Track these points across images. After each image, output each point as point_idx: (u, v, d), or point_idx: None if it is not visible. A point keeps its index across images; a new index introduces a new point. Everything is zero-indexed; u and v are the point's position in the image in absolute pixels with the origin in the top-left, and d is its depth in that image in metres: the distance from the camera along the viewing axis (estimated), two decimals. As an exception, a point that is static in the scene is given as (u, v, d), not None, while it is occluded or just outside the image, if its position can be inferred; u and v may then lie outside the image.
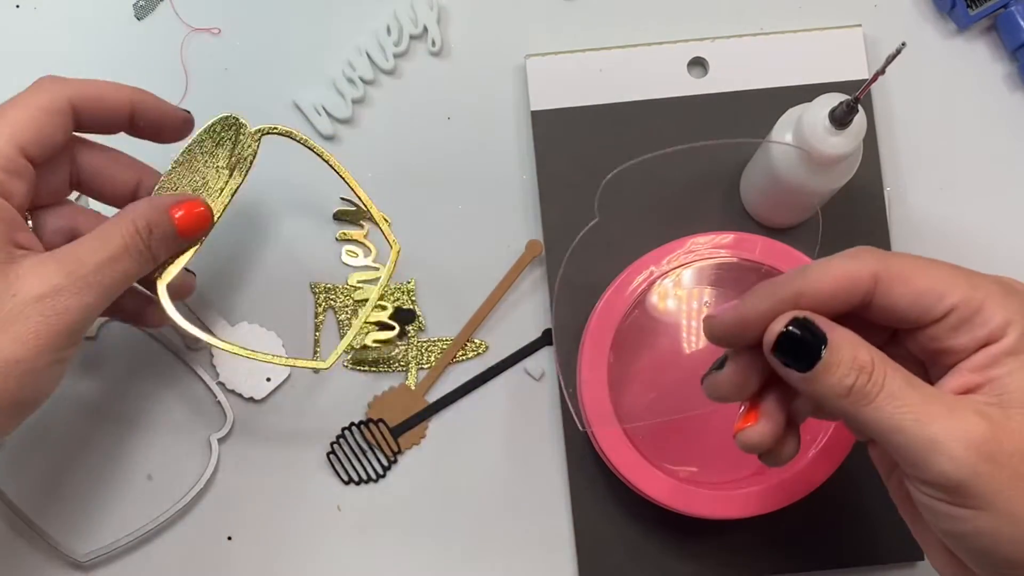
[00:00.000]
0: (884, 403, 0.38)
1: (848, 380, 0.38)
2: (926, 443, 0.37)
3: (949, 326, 0.39)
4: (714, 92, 0.61)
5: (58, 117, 0.48)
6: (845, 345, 0.39)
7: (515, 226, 0.61)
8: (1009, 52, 0.62)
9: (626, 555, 0.58)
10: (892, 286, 0.40)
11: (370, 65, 0.61)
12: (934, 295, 0.39)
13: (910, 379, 0.39)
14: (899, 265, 0.40)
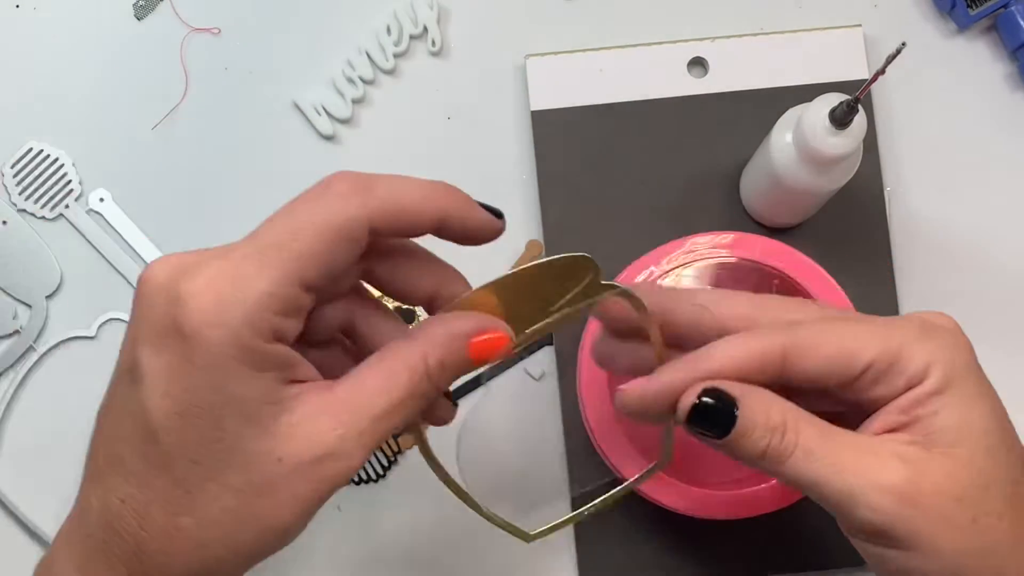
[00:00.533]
0: (799, 460, 0.39)
1: (762, 443, 0.39)
2: (845, 495, 0.38)
3: (868, 381, 0.39)
4: (714, 92, 0.61)
5: (352, 244, 0.38)
6: (757, 409, 0.39)
7: (515, 226, 0.61)
8: (1009, 52, 0.62)
9: (626, 555, 0.58)
10: (800, 359, 0.40)
11: (370, 65, 0.61)
12: (845, 357, 0.39)
13: (825, 432, 0.39)
14: (805, 335, 0.40)
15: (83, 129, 0.61)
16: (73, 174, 0.60)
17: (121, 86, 0.61)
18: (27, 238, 0.60)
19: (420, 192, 0.40)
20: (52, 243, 0.60)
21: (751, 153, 0.58)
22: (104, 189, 0.61)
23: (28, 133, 0.61)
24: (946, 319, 0.42)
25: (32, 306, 0.60)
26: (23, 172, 0.60)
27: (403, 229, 0.40)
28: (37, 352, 0.60)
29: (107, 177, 0.61)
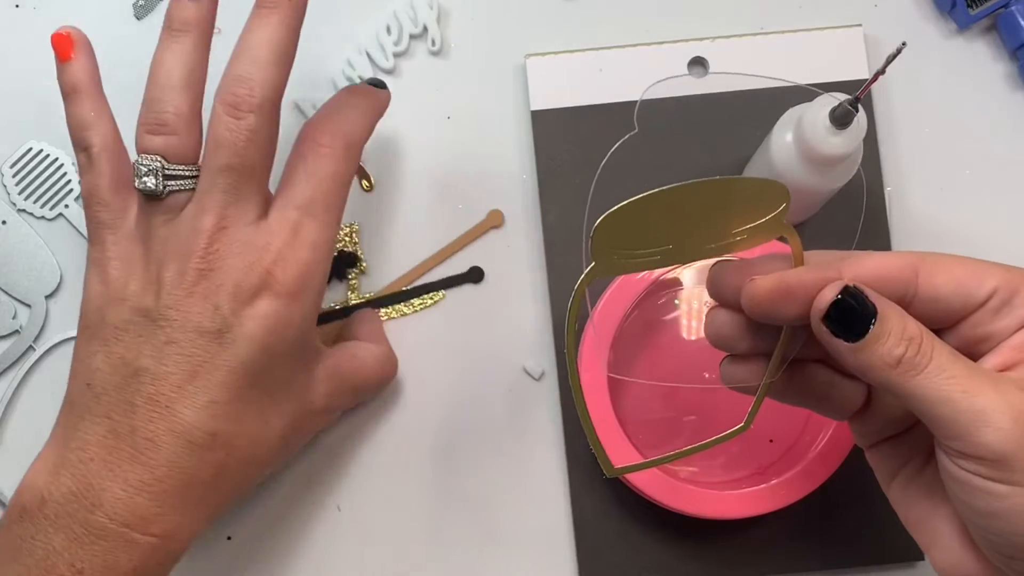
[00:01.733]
0: (932, 374, 0.38)
1: (898, 351, 0.38)
2: (973, 415, 0.37)
3: (991, 309, 0.40)
4: (714, 92, 0.61)
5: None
6: (895, 316, 0.39)
7: (515, 226, 0.61)
8: (1009, 52, 0.62)
9: (626, 555, 0.58)
10: (933, 275, 0.40)
11: (370, 64, 0.61)
12: (975, 280, 0.40)
13: (955, 353, 0.39)
14: (936, 257, 0.41)
15: (83, 129, 0.61)
16: (73, 174, 0.60)
17: (121, 86, 0.61)
18: (27, 238, 0.60)
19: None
20: (52, 243, 0.60)
21: (751, 153, 0.58)
22: (104, 189, 0.60)
23: (28, 133, 0.61)
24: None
25: (32, 306, 0.60)
26: (23, 172, 0.60)
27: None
28: (37, 352, 0.60)
29: (107, 177, 0.61)
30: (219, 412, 0.48)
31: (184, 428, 0.47)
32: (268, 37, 0.49)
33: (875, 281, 0.40)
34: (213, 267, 0.48)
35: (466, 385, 0.60)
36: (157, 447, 0.47)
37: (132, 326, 0.48)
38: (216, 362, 0.48)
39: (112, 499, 0.46)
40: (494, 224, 0.61)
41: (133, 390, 0.47)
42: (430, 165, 0.61)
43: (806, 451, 0.55)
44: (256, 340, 0.48)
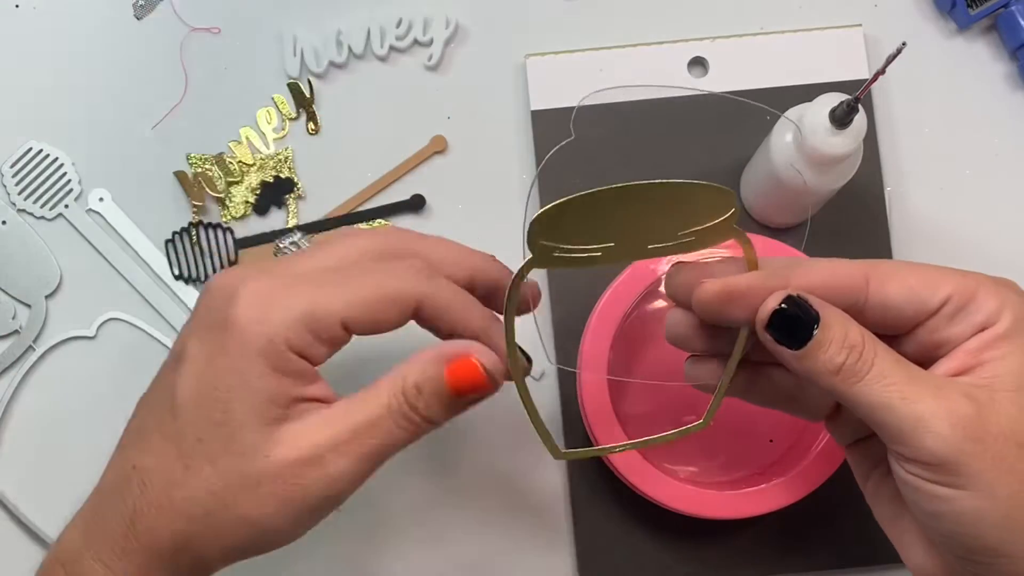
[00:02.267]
0: (873, 381, 0.39)
1: (839, 358, 0.39)
2: (913, 420, 0.38)
3: (946, 316, 0.40)
4: (714, 92, 0.61)
5: (400, 310, 0.43)
6: (836, 324, 0.39)
7: (515, 226, 0.61)
8: (1009, 52, 0.62)
9: (626, 555, 0.58)
10: (885, 283, 0.40)
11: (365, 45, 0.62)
12: (928, 288, 0.40)
13: (899, 360, 0.39)
14: (888, 265, 0.41)
15: (83, 129, 0.61)
16: (73, 174, 0.60)
17: (121, 86, 0.61)
18: (27, 238, 0.60)
19: (471, 305, 0.45)
20: (52, 243, 0.60)
21: (751, 153, 0.58)
22: (104, 189, 0.61)
23: (28, 133, 0.61)
24: (1008, 279, 0.42)
25: (32, 306, 0.60)
26: (23, 172, 0.60)
27: (444, 319, 0.44)
28: (37, 352, 0.60)
29: (107, 177, 0.61)
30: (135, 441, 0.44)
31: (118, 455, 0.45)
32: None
33: (824, 289, 0.40)
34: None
35: (466, 385, 0.60)
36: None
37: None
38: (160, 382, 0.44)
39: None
40: (437, 149, 0.61)
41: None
42: (430, 164, 0.61)
43: (806, 451, 0.55)
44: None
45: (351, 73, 0.62)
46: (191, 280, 0.60)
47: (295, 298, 0.42)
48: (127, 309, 0.60)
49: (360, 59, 0.62)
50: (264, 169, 0.61)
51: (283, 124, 0.61)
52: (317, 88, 0.61)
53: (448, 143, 0.61)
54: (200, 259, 0.60)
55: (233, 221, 0.60)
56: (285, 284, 0.43)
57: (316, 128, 0.61)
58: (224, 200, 0.60)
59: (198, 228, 0.60)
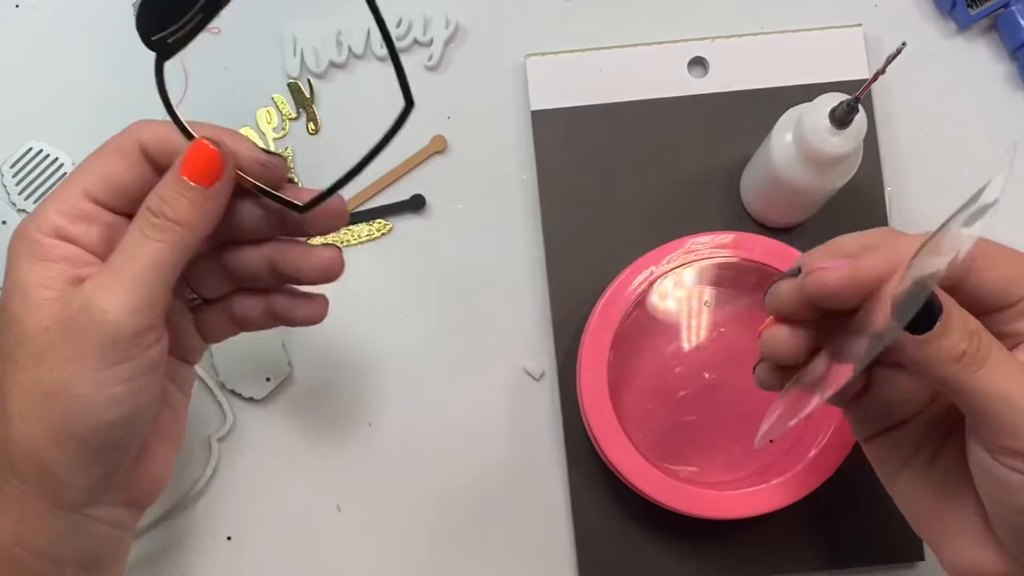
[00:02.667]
0: (993, 369, 0.38)
1: (963, 344, 0.38)
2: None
3: (1020, 311, 0.40)
4: (714, 92, 0.61)
5: (124, 158, 0.46)
6: (957, 311, 0.39)
7: (515, 226, 0.61)
8: (1009, 52, 0.62)
9: (626, 555, 0.58)
10: (986, 268, 0.40)
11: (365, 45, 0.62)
12: (1015, 282, 0.40)
13: (1007, 351, 0.39)
14: (992, 249, 0.41)
15: (83, 129, 0.61)
16: (73, 174, 0.60)
17: (121, 86, 0.61)
18: (27, 238, 0.60)
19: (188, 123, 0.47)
20: (52, 243, 0.60)
21: (751, 153, 0.58)
22: (104, 189, 0.60)
23: (28, 133, 0.61)
24: None
25: (32, 306, 0.60)
26: (23, 172, 0.60)
27: (169, 149, 0.46)
28: (37, 352, 0.59)
29: (107, 177, 0.61)
30: None
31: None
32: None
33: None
34: None
35: (466, 385, 0.60)
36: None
37: None
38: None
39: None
40: (437, 149, 0.61)
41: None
42: (430, 164, 0.61)
43: (806, 451, 0.55)
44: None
45: (351, 73, 0.62)
46: None
47: (48, 199, 0.45)
48: (127, 309, 0.60)
49: (360, 59, 0.62)
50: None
51: (283, 124, 0.61)
52: (317, 88, 0.61)
53: (448, 143, 0.61)
54: None
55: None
56: (47, 196, 0.45)
57: (316, 128, 0.61)
58: (224, 200, 0.60)
59: None
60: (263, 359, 0.59)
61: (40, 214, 0.44)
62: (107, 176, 0.45)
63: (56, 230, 0.44)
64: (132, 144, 0.46)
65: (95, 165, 0.46)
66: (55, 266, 0.43)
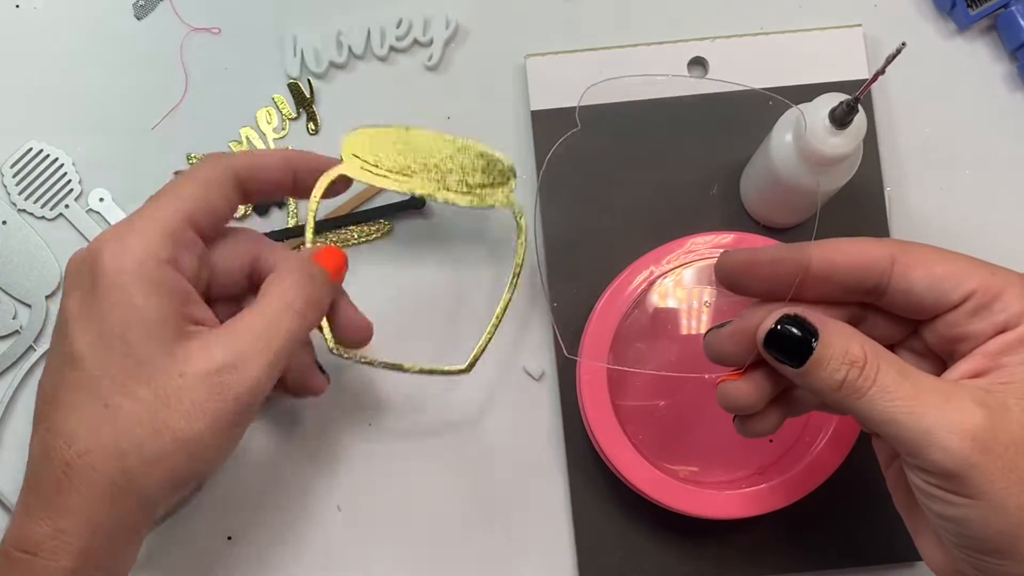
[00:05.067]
0: (876, 396, 0.38)
1: (839, 375, 0.39)
2: (920, 434, 0.38)
3: (967, 311, 0.40)
4: (714, 92, 0.61)
5: (223, 188, 0.47)
6: (836, 340, 0.39)
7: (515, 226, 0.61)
8: (1009, 52, 0.62)
9: (626, 555, 0.58)
10: (910, 268, 0.40)
11: (365, 46, 0.62)
12: (952, 280, 0.40)
13: (905, 371, 0.39)
14: (918, 250, 0.41)
15: (83, 129, 0.61)
16: (73, 174, 0.60)
17: (121, 86, 0.61)
18: (27, 238, 0.60)
19: (276, 154, 0.50)
20: (52, 243, 0.60)
21: (751, 153, 0.58)
22: (104, 189, 0.61)
23: (28, 133, 0.61)
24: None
25: (32, 306, 0.60)
26: (23, 172, 0.60)
27: (263, 178, 0.49)
28: (37, 352, 0.60)
29: (107, 177, 0.61)
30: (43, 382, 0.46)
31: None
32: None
33: (847, 267, 0.40)
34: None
35: (466, 385, 0.60)
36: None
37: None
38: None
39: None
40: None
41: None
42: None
43: (806, 451, 0.55)
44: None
45: (351, 73, 0.62)
46: None
47: (143, 221, 0.44)
48: (127, 309, 0.60)
49: (360, 59, 0.62)
50: None
51: (283, 124, 0.61)
52: (317, 88, 0.61)
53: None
54: None
55: (234, 221, 0.60)
56: (130, 220, 0.45)
57: (316, 128, 0.61)
58: (224, 200, 0.60)
59: None
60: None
61: (150, 238, 0.44)
62: (210, 206, 0.46)
63: (171, 258, 0.44)
64: (229, 176, 0.47)
65: (195, 194, 0.46)
66: (168, 300, 0.44)
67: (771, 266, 0.41)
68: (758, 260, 0.42)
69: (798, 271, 0.41)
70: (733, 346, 0.43)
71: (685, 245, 0.56)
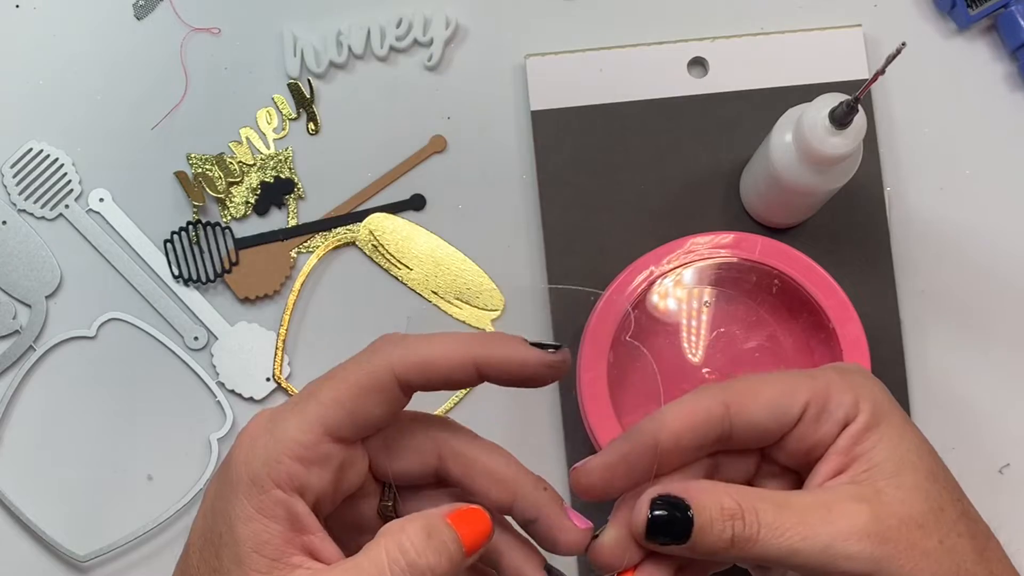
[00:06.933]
0: (768, 537, 0.38)
1: (726, 534, 0.39)
2: (823, 553, 0.38)
3: (810, 420, 0.40)
4: (714, 92, 0.61)
5: (380, 394, 0.39)
6: (709, 502, 0.39)
7: (516, 226, 0.61)
8: (1009, 52, 0.62)
9: (626, 555, 0.58)
10: (744, 405, 0.40)
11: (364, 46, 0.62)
12: (786, 398, 0.40)
13: (781, 500, 0.39)
14: (741, 386, 0.41)
15: (83, 129, 0.61)
16: (73, 174, 0.60)
17: (121, 86, 0.61)
18: (27, 238, 0.60)
19: (452, 342, 0.39)
20: (52, 243, 0.60)
21: (751, 153, 0.58)
22: (104, 189, 0.61)
23: (28, 133, 0.61)
24: (854, 363, 0.42)
25: (32, 306, 0.60)
26: (23, 172, 0.60)
27: (434, 378, 0.39)
28: (37, 352, 0.60)
29: (107, 177, 0.61)
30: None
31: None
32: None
33: (690, 432, 0.40)
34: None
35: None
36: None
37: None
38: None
39: None
40: (437, 149, 0.61)
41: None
42: (430, 164, 0.61)
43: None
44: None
45: (351, 73, 0.62)
46: (190, 280, 0.60)
47: (278, 424, 0.38)
48: (127, 309, 0.60)
49: (360, 59, 0.62)
50: (264, 169, 0.61)
51: (283, 124, 0.61)
52: (317, 88, 0.61)
53: (448, 143, 0.61)
54: (199, 258, 0.60)
55: (233, 221, 0.60)
56: (275, 413, 0.39)
57: (316, 128, 0.61)
58: (224, 200, 0.60)
59: (196, 227, 0.60)
60: (263, 359, 0.59)
61: (275, 450, 0.37)
62: (356, 415, 0.38)
63: (290, 477, 0.37)
64: (388, 376, 0.38)
65: (341, 399, 0.38)
66: (273, 526, 0.37)
67: (624, 464, 0.41)
68: (611, 465, 0.41)
69: (651, 457, 0.41)
70: (621, 552, 0.41)
71: (685, 245, 0.56)
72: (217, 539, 0.38)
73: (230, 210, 0.60)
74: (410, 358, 0.38)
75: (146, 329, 0.60)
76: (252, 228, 0.61)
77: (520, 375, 0.39)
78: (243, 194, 0.60)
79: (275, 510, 0.37)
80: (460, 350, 0.39)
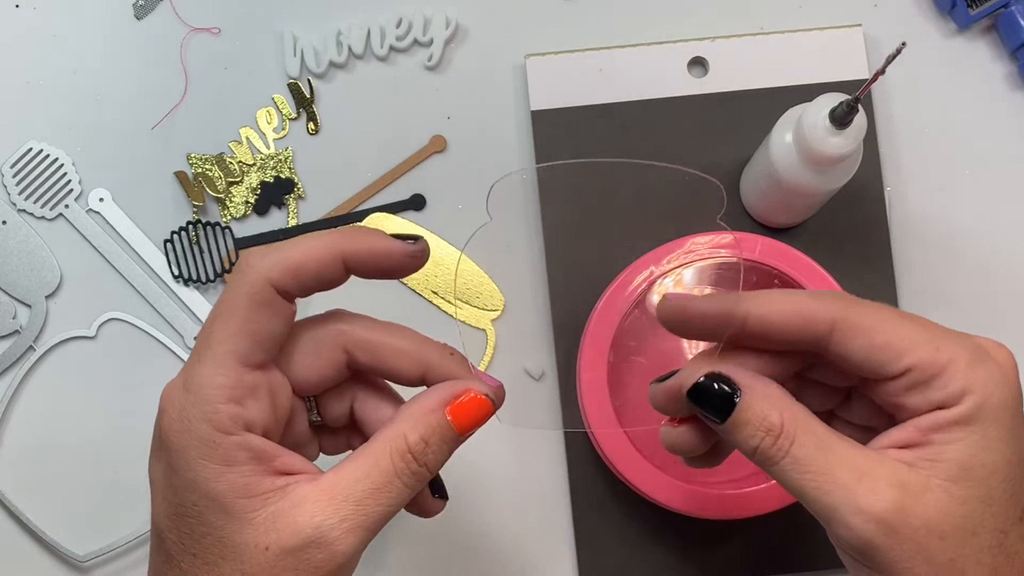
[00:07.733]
0: (787, 467, 0.38)
1: (753, 441, 0.39)
2: (826, 510, 0.38)
3: (903, 386, 0.38)
4: (714, 92, 0.61)
5: (267, 307, 0.39)
6: (755, 406, 0.39)
7: (516, 226, 0.61)
8: (1009, 52, 0.62)
9: (626, 555, 0.58)
10: (848, 336, 0.39)
11: (365, 45, 0.62)
12: (892, 352, 0.38)
13: (824, 443, 0.38)
14: (861, 315, 0.39)
15: (83, 129, 0.61)
16: (73, 174, 0.60)
17: (121, 86, 0.61)
18: (27, 238, 0.60)
19: (318, 240, 0.40)
20: (52, 243, 0.60)
21: (751, 153, 0.58)
22: (104, 189, 0.61)
23: (28, 133, 0.61)
24: (1004, 352, 0.39)
25: (32, 306, 0.60)
26: (23, 172, 0.60)
27: (307, 279, 0.40)
28: (37, 352, 0.60)
29: (107, 177, 0.61)
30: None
31: None
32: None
33: (782, 326, 0.39)
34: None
35: (466, 385, 0.60)
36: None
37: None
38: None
39: None
40: (437, 149, 0.61)
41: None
42: (429, 165, 0.61)
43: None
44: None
45: (351, 73, 0.62)
46: (190, 280, 0.60)
47: (194, 381, 0.39)
48: (127, 309, 0.60)
49: (360, 59, 0.62)
50: (264, 169, 0.61)
51: (283, 124, 0.61)
52: (317, 88, 0.61)
53: (448, 143, 0.61)
54: (199, 258, 0.60)
55: (233, 221, 0.60)
56: (186, 373, 0.39)
57: (316, 128, 0.61)
58: (224, 200, 0.60)
59: (196, 227, 0.60)
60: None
61: (206, 406, 0.38)
62: (257, 335, 0.39)
63: (233, 420, 0.38)
64: (267, 289, 0.39)
65: (235, 329, 0.39)
66: (243, 469, 0.38)
67: (701, 319, 0.41)
68: (688, 311, 0.41)
69: (727, 326, 0.40)
70: (665, 400, 0.42)
71: (685, 245, 0.56)
72: (192, 509, 0.38)
73: (230, 210, 0.60)
74: (281, 264, 0.39)
75: (146, 329, 0.60)
76: (252, 228, 0.61)
77: (385, 266, 0.41)
78: (243, 194, 0.60)
79: (236, 454, 0.38)
80: (327, 248, 0.40)
